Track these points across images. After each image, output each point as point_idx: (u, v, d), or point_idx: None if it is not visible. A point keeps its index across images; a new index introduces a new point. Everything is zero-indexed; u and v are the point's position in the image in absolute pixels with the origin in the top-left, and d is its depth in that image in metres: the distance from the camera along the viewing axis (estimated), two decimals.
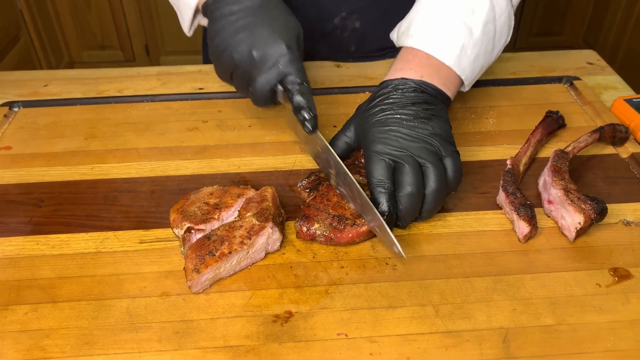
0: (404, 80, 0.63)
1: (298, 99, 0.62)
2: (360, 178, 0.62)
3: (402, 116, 0.60)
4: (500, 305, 0.52)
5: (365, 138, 0.61)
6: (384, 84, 0.65)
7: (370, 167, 0.58)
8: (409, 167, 0.57)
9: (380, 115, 0.62)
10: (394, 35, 0.72)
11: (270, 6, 0.66)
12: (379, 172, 0.58)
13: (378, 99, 0.63)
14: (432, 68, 0.65)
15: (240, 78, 0.66)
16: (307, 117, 0.62)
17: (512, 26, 0.71)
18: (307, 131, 0.62)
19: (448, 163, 0.59)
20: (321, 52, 0.93)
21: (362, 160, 0.65)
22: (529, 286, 0.54)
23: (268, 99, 0.66)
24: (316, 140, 0.62)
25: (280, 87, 0.64)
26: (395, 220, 0.57)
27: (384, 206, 0.56)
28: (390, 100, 0.62)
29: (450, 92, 0.66)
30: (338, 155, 0.61)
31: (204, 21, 0.73)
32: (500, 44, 0.70)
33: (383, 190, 0.57)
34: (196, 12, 0.71)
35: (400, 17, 0.71)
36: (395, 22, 0.72)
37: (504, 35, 0.70)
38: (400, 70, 0.65)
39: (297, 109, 0.62)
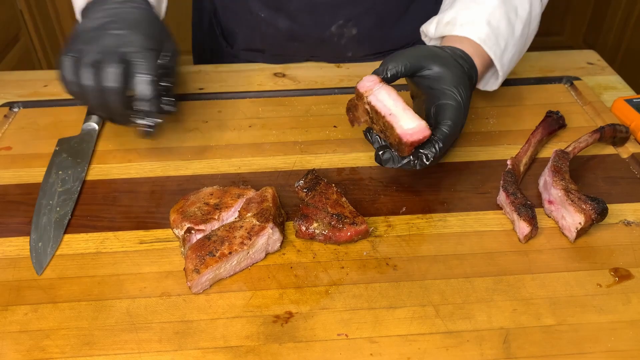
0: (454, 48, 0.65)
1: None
2: (383, 136, 0.60)
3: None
4: (500, 306, 0.52)
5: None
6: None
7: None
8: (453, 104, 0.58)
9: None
10: (430, 27, 0.72)
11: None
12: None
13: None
14: (479, 58, 0.66)
15: None
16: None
17: (536, 30, 0.73)
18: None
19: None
20: (318, 57, 0.93)
21: (382, 123, 0.61)
22: (530, 286, 0.54)
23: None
24: None
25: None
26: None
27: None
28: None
29: (477, 82, 0.68)
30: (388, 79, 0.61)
31: None
32: (527, 46, 0.73)
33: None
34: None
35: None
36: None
37: (532, 38, 0.72)
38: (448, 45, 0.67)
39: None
